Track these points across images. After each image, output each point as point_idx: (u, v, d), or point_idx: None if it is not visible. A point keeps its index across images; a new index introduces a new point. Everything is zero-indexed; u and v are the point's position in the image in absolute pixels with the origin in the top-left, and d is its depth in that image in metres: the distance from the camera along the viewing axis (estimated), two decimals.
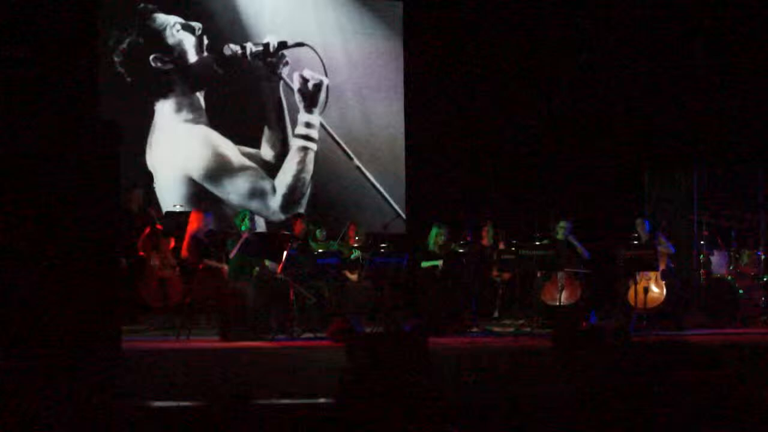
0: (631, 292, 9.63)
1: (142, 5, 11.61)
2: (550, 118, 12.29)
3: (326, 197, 12.35)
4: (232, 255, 8.89)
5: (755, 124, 11.18)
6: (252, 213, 9.61)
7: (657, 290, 9.65)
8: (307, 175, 12.33)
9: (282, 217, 11.97)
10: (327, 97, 12.46)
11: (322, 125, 12.42)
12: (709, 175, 11.25)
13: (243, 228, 9.20)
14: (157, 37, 11.72)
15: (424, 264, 10.12)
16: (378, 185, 12.52)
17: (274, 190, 12.18)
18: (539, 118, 12.29)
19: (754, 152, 11.13)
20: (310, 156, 12.36)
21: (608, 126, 11.97)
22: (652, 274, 9.59)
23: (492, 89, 12.21)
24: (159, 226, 9.89)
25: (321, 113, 12.44)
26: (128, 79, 11.53)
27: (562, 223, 10.13)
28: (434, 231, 10.26)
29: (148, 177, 10.71)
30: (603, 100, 11.80)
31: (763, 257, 10.00)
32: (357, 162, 12.49)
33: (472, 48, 12.30)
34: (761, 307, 9.90)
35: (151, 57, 11.67)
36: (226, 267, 8.98)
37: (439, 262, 10.03)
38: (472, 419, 3.15)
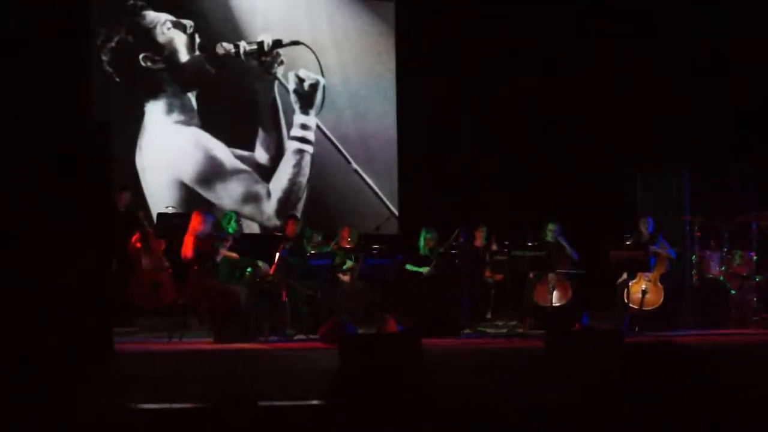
0: (626, 292, 9.58)
1: (131, 2, 11.40)
2: (543, 120, 12.28)
3: (322, 201, 12.15)
4: (218, 259, 8.81)
5: (748, 128, 11.21)
6: (239, 215, 9.49)
7: (655, 292, 9.53)
8: (303, 179, 12.12)
9: (277, 222, 11.72)
10: (323, 97, 12.31)
11: (318, 127, 12.28)
12: (701, 177, 11.26)
13: (230, 230, 9.15)
14: (146, 36, 11.53)
15: (409, 267, 10.10)
16: (375, 188, 12.37)
17: (268, 194, 12.00)
18: (532, 120, 12.28)
19: (745, 156, 11.16)
20: (306, 159, 12.17)
21: (600, 128, 11.98)
22: (651, 276, 9.54)
23: (485, 90, 12.19)
24: (149, 229, 9.83)
25: (317, 114, 12.30)
26: (117, 79, 11.36)
27: (551, 226, 10.13)
28: (423, 234, 10.28)
29: (135, 179, 10.59)
30: (595, 100, 11.81)
31: (754, 258, 10.01)
32: (355, 165, 12.32)
33: (465, 48, 12.26)
34: (753, 307, 9.90)
35: (141, 56, 11.49)
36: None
37: (425, 269, 10.01)
38: (464, 420, 3.15)
